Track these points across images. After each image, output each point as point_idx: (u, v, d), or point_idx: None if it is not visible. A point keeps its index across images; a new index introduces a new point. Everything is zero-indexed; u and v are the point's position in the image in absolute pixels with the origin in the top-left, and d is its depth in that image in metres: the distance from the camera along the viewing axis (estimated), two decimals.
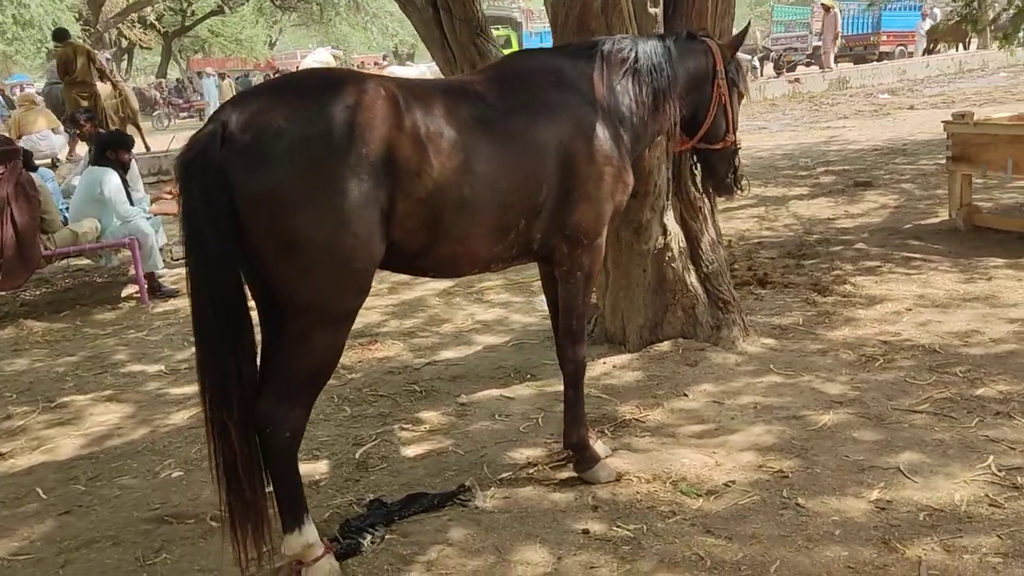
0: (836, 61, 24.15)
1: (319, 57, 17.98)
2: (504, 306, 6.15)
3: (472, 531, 3.22)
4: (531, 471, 3.67)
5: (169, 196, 7.50)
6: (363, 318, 6.02)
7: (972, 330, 4.94)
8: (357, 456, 3.93)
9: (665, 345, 4.96)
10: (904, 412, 3.98)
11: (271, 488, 2.84)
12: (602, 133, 3.23)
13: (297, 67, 31.27)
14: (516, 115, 3.06)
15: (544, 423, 4.15)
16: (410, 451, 3.95)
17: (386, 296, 6.59)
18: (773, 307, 5.62)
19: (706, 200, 4.99)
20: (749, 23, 3.74)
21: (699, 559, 2.96)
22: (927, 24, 30.62)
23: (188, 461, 4.00)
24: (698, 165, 3.89)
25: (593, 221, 3.28)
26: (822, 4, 21.78)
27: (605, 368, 4.80)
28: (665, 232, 4.82)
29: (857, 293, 5.76)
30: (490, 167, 2.94)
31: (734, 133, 3.65)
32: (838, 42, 22.21)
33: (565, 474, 3.62)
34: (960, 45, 30.03)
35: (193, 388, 4.92)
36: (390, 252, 2.82)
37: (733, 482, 3.45)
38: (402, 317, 6.02)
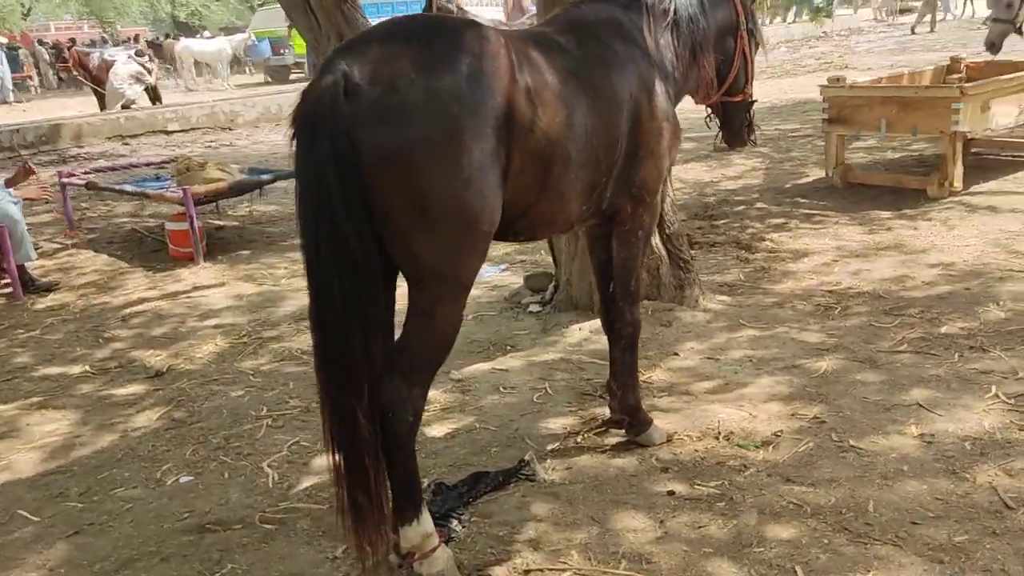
0: None
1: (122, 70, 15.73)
2: None
3: (555, 505, 3.11)
4: (576, 440, 3.58)
5: (34, 180, 6.62)
6: (294, 301, 5.66)
7: (902, 275, 5.31)
8: None
9: None
10: (889, 353, 4.22)
11: None
12: (659, 88, 3.17)
13: (57, 43, 28.34)
14: (597, 67, 2.94)
15: (554, 392, 4.06)
16: (435, 431, 3.75)
17: (300, 277, 6.18)
18: (709, 266, 5.78)
19: None
20: None
21: (796, 507, 3.00)
22: None
23: (189, 465, 3.59)
24: (713, 117, 3.89)
25: (656, 178, 3.23)
26: None
27: (583, 334, 4.76)
28: None
29: (780, 248, 6.05)
30: (587, 121, 2.81)
31: (751, 85, 3.69)
32: None
33: (613, 439, 3.57)
34: None
35: (139, 387, 4.48)
36: None
37: (780, 432, 3.53)
38: None
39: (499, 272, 6.03)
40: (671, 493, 3.14)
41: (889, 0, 33.93)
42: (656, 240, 5.02)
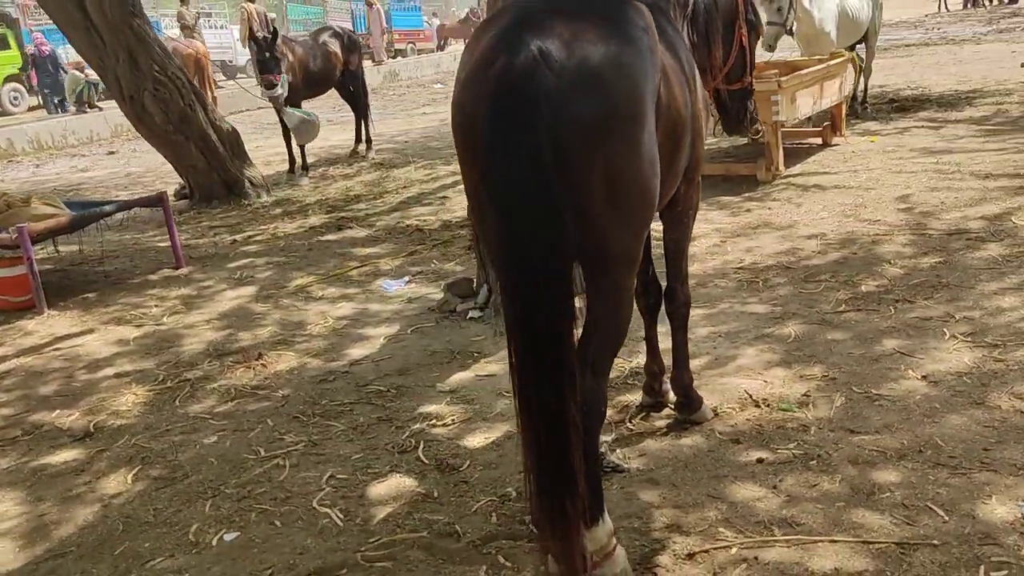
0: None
1: None
2: (346, 299, 5.62)
3: (662, 490, 3.07)
4: (628, 427, 3.56)
5: None
6: (195, 339, 5.11)
7: (790, 248, 5.77)
8: (427, 461, 3.43)
9: (575, 301, 5.01)
10: (835, 314, 4.57)
11: None
12: (695, 72, 3.24)
13: None
14: (671, 49, 2.94)
15: None
16: (474, 442, 3.56)
17: (192, 312, 5.60)
18: None
19: None
20: None
21: (880, 453, 3.18)
22: (436, 22, 33.29)
23: (220, 521, 3.13)
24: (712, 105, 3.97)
25: (701, 156, 3.29)
26: (367, 1, 22.58)
27: None
28: None
29: None
30: (689, 100, 2.82)
31: (750, 74, 3.83)
32: (385, 37, 23.24)
33: (661, 422, 3.59)
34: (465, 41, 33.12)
35: (74, 452, 3.91)
36: None
37: (808, 393, 3.71)
38: (247, 329, 5.19)
39: (403, 285, 5.81)
40: (760, 461, 3.21)
41: None
42: None
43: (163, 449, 3.75)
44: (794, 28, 9.60)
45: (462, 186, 8.68)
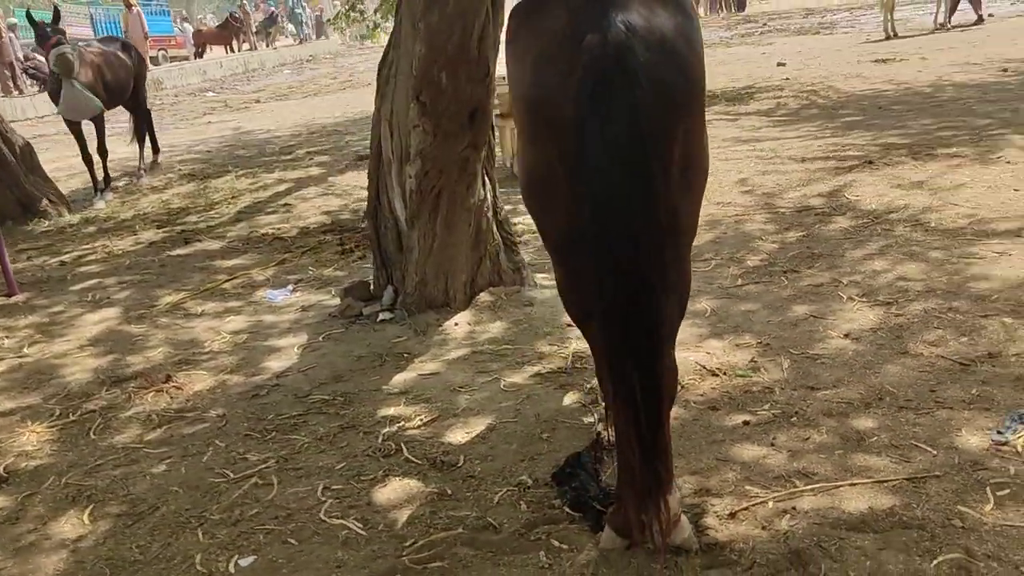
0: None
1: None
2: (232, 313, 5.27)
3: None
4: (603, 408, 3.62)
5: None
6: (76, 367, 4.64)
7: None
8: (419, 461, 3.32)
9: (485, 296, 5.03)
10: (736, 288, 4.89)
11: None
12: None
13: None
14: None
15: (515, 380, 4.00)
16: (454, 439, 3.49)
17: (56, 340, 5.02)
18: None
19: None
20: None
21: (848, 404, 3.45)
22: (188, 27, 31.68)
23: (224, 548, 2.87)
24: None
25: None
26: (125, 2, 21.05)
27: (464, 328, 4.69)
28: (484, 183, 4.88)
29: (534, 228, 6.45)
30: None
31: None
32: (148, 41, 21.76)
33: None
34: (228, 48, 31.76)
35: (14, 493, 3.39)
36: None
37: (753, 360, 3.95)
38: (133, 352, 4.73)
39: (289, 294, 5.54)
40: (746, 423, 3.39)
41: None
42: (494, 227, 5.10)
43: (107, 485, 3.37)
44: None
45: (300, 192, 8.41)
